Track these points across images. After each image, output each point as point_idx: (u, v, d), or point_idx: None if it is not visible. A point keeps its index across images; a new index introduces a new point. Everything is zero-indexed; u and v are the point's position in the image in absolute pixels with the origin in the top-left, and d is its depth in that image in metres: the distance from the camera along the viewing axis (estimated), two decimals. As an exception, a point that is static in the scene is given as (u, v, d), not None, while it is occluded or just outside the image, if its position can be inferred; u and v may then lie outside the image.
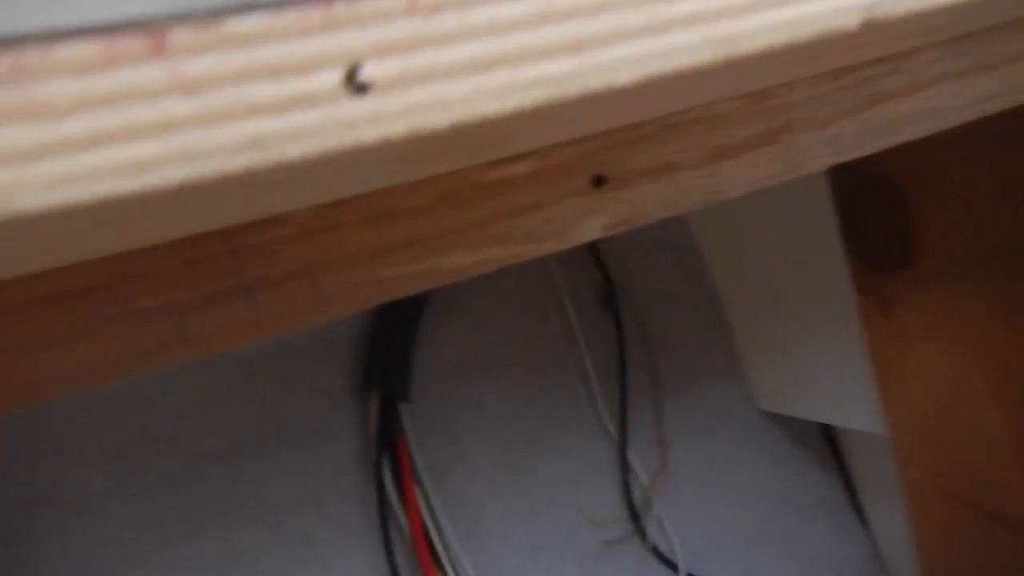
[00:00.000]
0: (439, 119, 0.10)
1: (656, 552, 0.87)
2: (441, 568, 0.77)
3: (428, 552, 0.79)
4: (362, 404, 0.81)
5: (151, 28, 0.09)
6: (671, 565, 0.87)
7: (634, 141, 0.20)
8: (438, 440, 0.83)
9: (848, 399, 0.83)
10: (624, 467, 0.88)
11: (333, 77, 0.09)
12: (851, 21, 0.11)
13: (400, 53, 0.10)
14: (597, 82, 0.10)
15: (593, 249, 0.88)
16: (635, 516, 0.88)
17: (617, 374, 0.90)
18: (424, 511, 0.80)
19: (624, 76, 0.11)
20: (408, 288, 0.18)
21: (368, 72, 0.09)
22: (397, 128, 0.09)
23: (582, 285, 0.91)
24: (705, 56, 0.11)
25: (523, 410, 0.87)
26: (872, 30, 0.12)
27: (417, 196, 0.18)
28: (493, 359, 0.87)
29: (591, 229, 0.20)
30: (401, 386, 0.79)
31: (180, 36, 0.09)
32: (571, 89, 0.10)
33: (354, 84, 0.09)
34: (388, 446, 0.79)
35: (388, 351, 0.78)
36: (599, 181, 0.19)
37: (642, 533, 0.87)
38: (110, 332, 0.16)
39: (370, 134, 0.09)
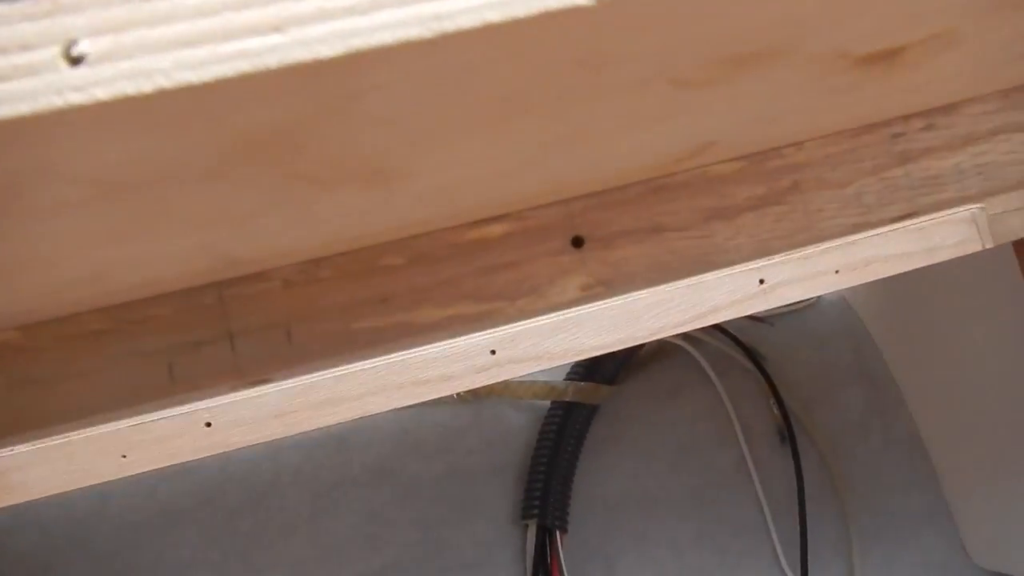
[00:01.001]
0: (142, 85, 0.11)
1: None
2: None
3: None
4: (523, 532, 0.80)
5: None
6: None
7: (617, 204, 0.20)
8: (599, 574, 0.80)
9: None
10: (809, 623, 0.79)
11: (52, 52, 0.11)
12: (584, -1, 0.11)
13: (114, 32, 0.11)
14: (298, 55, 0.11)
15: (770, 380, 0.84)
16: None
17: (798, 515, 0.82)
18: (581, 652, 0.76)
19: (327, 50, 0.11)
20: (379, 344, 0.19)
21: (82, 47, 0.11)
22: (99, 93, 0.11)
23: (757, 418, 0.86)
24: (412, 32, 0.11)
25: (692, 548, 0.82)
26: (614, 9, 0.11)
27: (393, 254, 0.19)
28: (659, 493, 0.83)
29: (568, 289, 0.20)
30: (559, 516, 0.77)
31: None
32: (272, 61, 0.11)
33: (70, 57, 0.11)
34: (545, 576, 0.77)
35: (548, 479, 0.78)
36: (577, 242, 0.19)
37: None
38: (114, 370, 0.18)
39: (77, 98, 0.11)
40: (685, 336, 0.86)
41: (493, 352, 0.49)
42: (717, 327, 0.85)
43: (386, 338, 0.19)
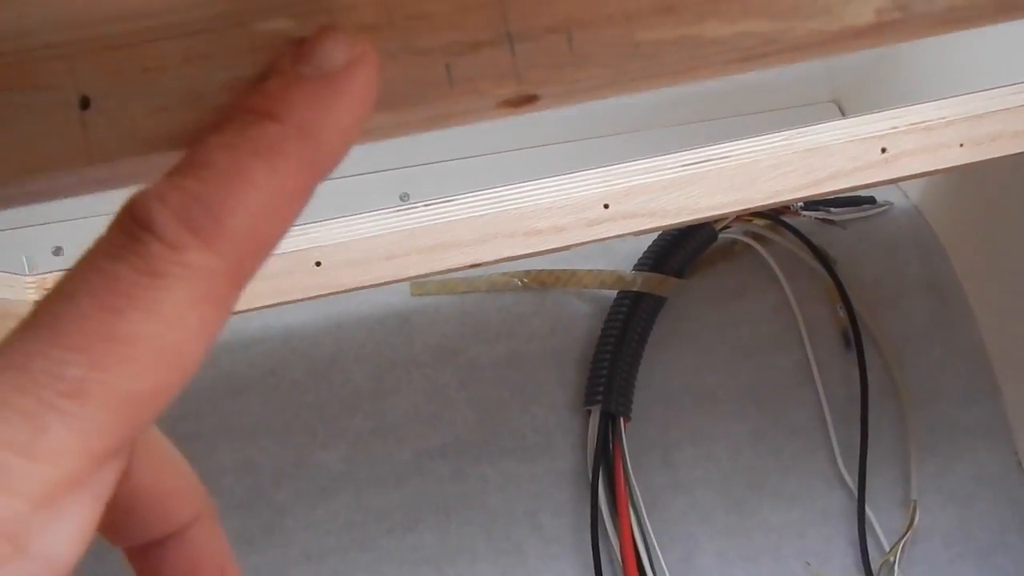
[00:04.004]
0: None
1: (897, 625, 0.77)
2: (652, 599, 0.73)
3: (639, 580, 0.76)
4: (584, 420, 0.81)
5: None
6: (916, 638, 0.77)
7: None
8: (656, 465, 0.81)
9: None
10: (862, 524, 0.80)
11: None
12: None
13: None
14: None
15: (838, 283, 0.83)
16: (873, 581, 0.79)
17: (859, 420, 0.82)
18: (637, 537, 0.77)
19: None
20: (660, 56, 0.18)
21: None
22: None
23: (823, 321, 0.86)
24: None
25: (750, 447, 0.82)
26: None
27: (679, -34, 0.18)
28: (720, 390, 0.83)
29: (863, 13, 0.19)
30: (623, 402, 0.77)
31: None
32: None
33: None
34: (605, 463, 0.77)
35: (614, 365, 0.78)
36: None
37: (881, 602, 0.77)
38: (390, 66, 0.17)
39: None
40: (754, 235, 0.86)
41: (606, 206, 0.48)
42: (788, 227, 0.84)
43: (668, 51, 0.18)
